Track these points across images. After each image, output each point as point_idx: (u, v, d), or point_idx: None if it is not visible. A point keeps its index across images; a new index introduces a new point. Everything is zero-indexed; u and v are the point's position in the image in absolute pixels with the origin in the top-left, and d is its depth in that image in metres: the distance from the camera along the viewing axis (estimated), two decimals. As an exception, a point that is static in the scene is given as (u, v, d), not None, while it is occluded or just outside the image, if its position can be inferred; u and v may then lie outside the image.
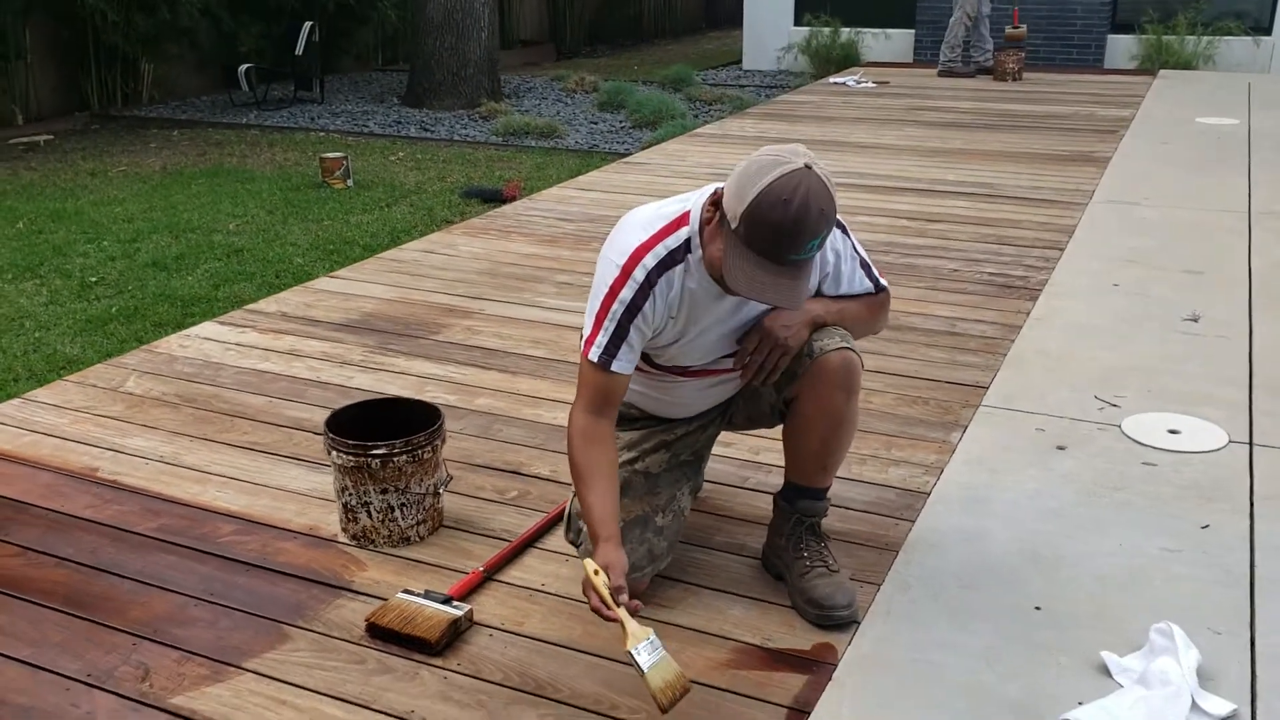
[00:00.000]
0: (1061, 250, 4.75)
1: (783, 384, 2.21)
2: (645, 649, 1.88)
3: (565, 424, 3.06)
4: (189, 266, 5.17)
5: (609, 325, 2.06)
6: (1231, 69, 10.71)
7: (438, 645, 2.13)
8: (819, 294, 2.21)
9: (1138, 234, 4.95)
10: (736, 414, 2.39)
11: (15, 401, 3.29)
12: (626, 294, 2.04)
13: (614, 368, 2.07)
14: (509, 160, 7.86)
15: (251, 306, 4.17)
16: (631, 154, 7.28)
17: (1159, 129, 7.57)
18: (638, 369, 2.19)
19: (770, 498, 2.43)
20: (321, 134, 8.88)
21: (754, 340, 2.15)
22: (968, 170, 6.38)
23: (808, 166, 1.87)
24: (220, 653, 2.15)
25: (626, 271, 2.04)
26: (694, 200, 2.09)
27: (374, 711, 1.98)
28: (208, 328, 3.92)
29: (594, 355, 2.08)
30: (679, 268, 2.06)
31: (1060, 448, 2.95)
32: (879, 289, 2.28)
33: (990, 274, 4.46)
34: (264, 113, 9.70)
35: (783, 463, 2.35)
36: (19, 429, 3.09)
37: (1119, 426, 3.06)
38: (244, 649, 2.16)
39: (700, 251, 2.04)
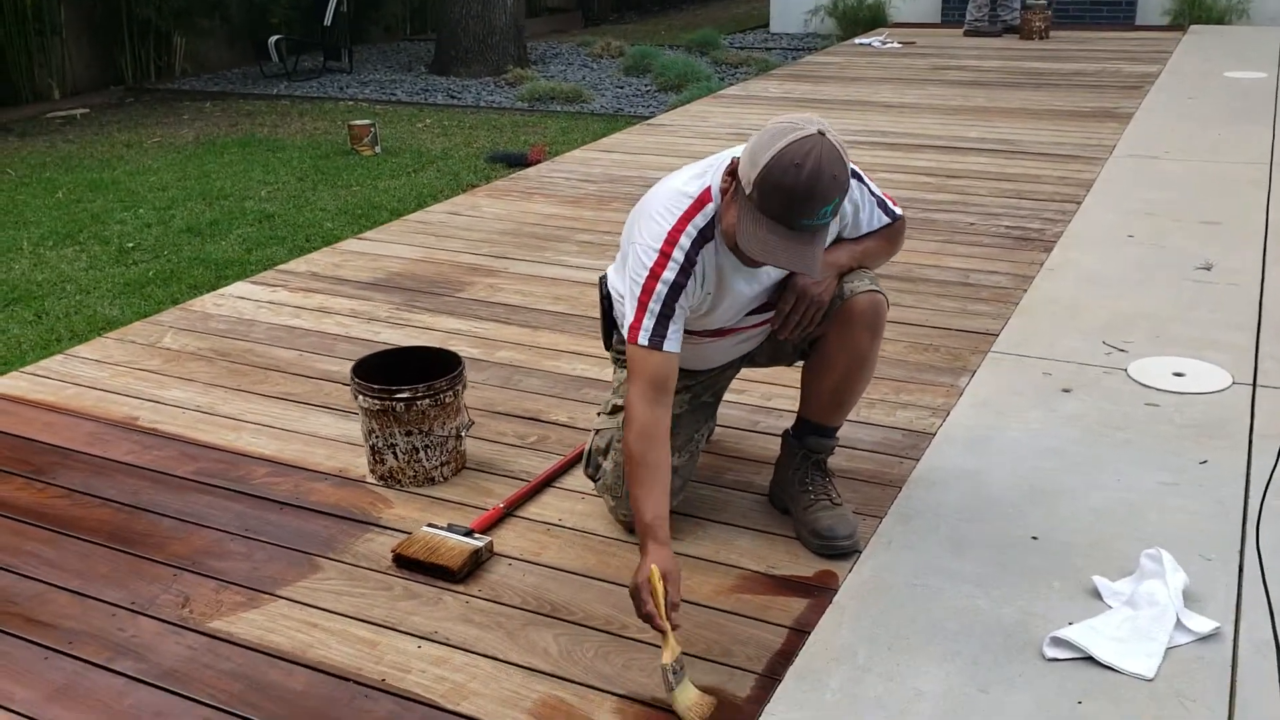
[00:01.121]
0: (1079, 204, 4.78)
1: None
2: (677, 666, 1.86)
3: (584, 375, 3.20)
4: (222, 232, 5.31)
5: (654, 306, 2.07)
6: (1266, 23, 10.57)
7: (460, 573, 2.25)
8: (839, 239, 2.28)
9: (1157, 187, 4.97)
10: (759, 354, 2.47)
11: (58, 357, 3.44)
12: (669, 274, 2.06)
13: (666, 348, 2.07)
14: (534, 125, 7.95)
15: (282, 267, 4.30)
16: (655, 117, 7.34)
17: (1186, 84, 7.52)
18: None
19: (778, 440, 2.52)
20: (350, 103, 9.00)
21: (789, 300, 2.21)
22: (989, 128, 6.39)
23: (821, 133, 1.90)
24: (255, 582, 2.28)
25: (665, 253, 2.07)
26: (712, 174, 2.12)
27: (400, 632, 2.11)
28: (241, 287, 4.06)
29: (643, 339, 2.07)
30: (710, 245, 2.11)
31: (1066, 390, 3.02)
32: (896, 216, 2.35)
33: (1007, 227, 4.51)
34: (294, 83, 9.83)
35: (792, 408, 2.45)
36: (62, 382, 3.24)
37: (1125, 370, 3.12)
38: (278, 578, 2.29)
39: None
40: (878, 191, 2.32)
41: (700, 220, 2.10)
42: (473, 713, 1.90)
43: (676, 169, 2.26)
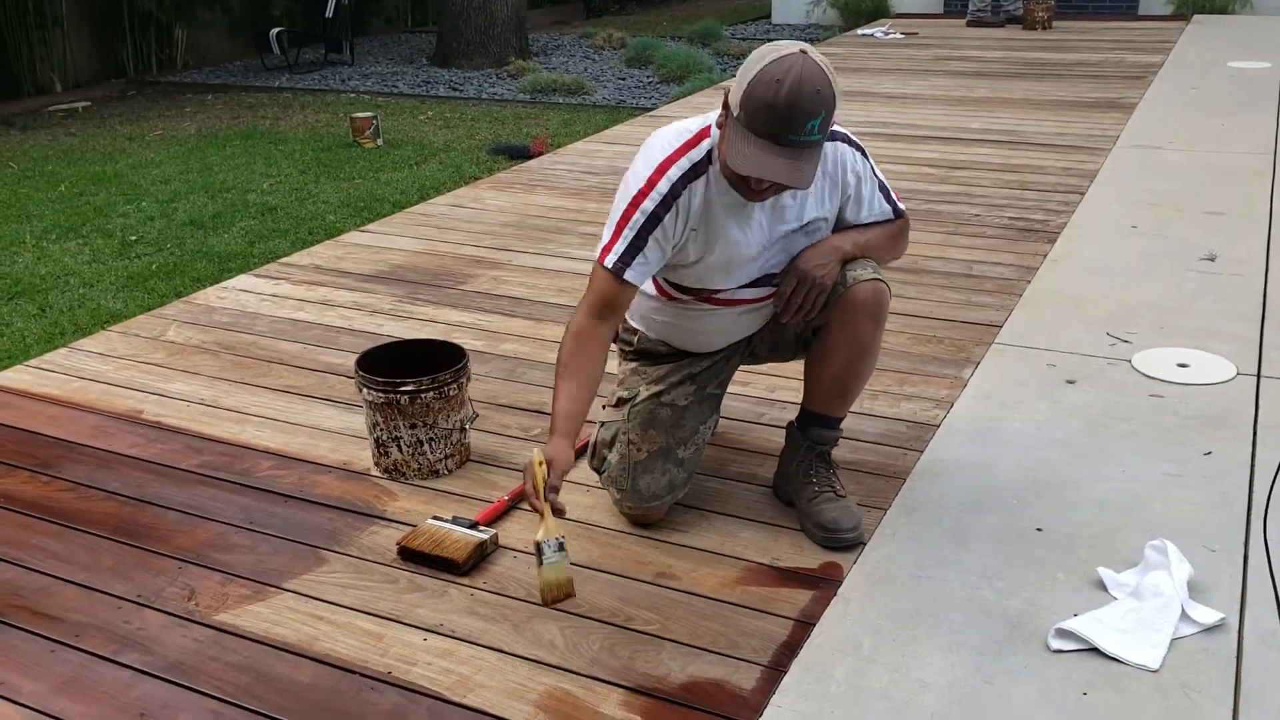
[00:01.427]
0: (1083, 194, 4.77)
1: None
2: (552, 546, 2.03)
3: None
4: (225, 225, 5.31)
5: (628, 234, 2.11)
6: (1270, 13, 10.54)
7: (465, 566, 2.25)
8: (841, 224, 2.29)
9: (1161, 177, 4.96)
10: (759, 345, 2.46)
11: (63, 351, 3.45)
12: (649, 205, 2.10)
13: (626, 276, 2.12)
14: (536, 117, 7.93)
15: (285, 260, 4.30)
16: (657, 108, 7.33)
17: (1189, 74, 7.50)
18: (668, 297, 2.28)
19: (782, 432, 2.52)
20: (352, 95, 8.99)
21: (790, 282, 2.21)
22: (993, 118, 6.38)
23: (802, 51, 1.94)
24: (261, 575, 2.28)
25: (651, 183, 2.11)
26: (712, 117, 2.16)
27: (405, 625, 2.11)
28: (244, 280, 4.06)
29: (609, 262, 2.12)
30: (701, 180, 2.12)
31: (1070, 382, 3.02)
32: (898, 214, 2.35)
33: (1011, 218, 4.50)
34: (295, 76, 9.82)
35: (797, 400, 2.45)
36: (67, 375, 3.24)
37: (1129, 361, 3.12)
38: (283, 571, 2.29)
39: (719, 163, 2.11)
40: (880, 175, 2.32)
41: (695, 155, 2.13)
42: (479, 705, 1.90)
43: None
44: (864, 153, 2.28)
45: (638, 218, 2.11)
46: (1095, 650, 1.96)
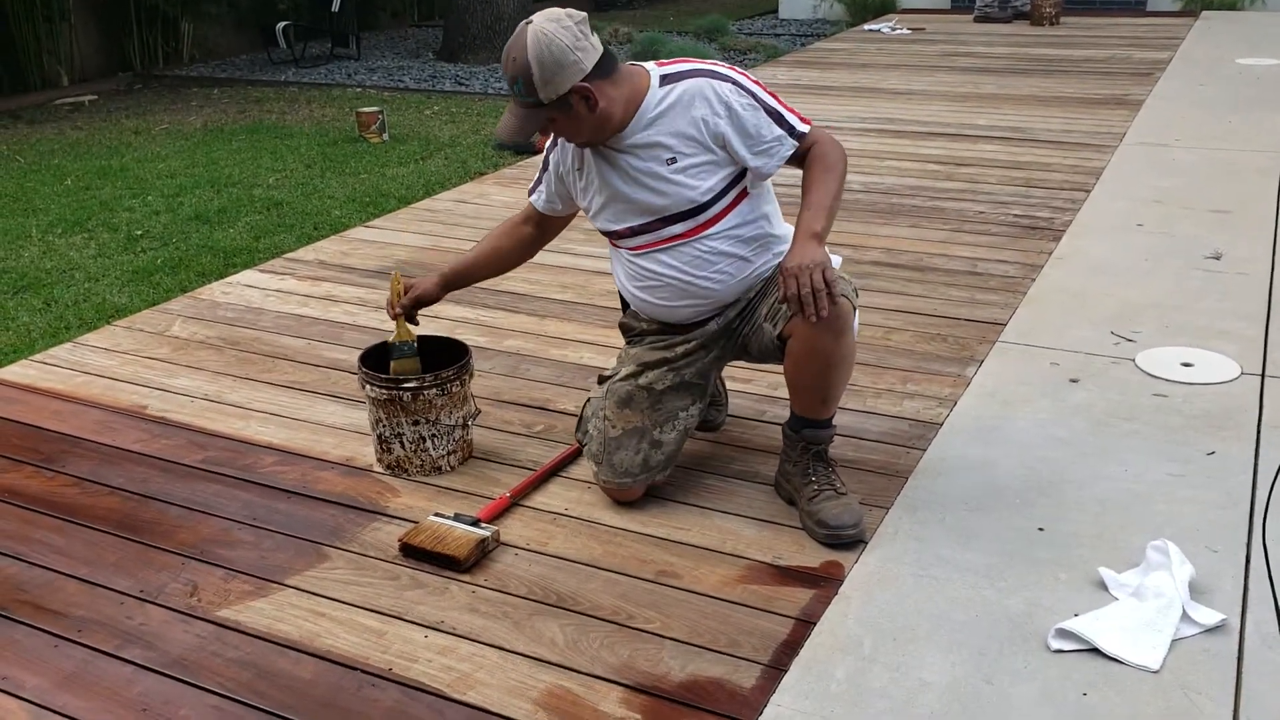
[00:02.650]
0: (1088, 192, 4.76)
1: (778, 320, 2.30)
2: (401, 349, 2.65)
3: (591, 363, 3.20)
4: (230, 219, 5.32)
5: (540, 167, 2.53)
6: (1279, 9, 10.49)
7: (466, 563, 2.25)
8: (741, 161, 2.27)
9: (1167, 175, 4.95)
10: (750, 343, 2.46)
11: (67, 345, 3.45)
12: (548, 145, 2.50)
13: (531, 199, 2.57)
14: (542, 113, 7.92)
15: (290, 255, 4.30)
16: (663, 104, 7.32)
17: (1197, 71, 7.48)
18: (610, 244, 2.50)
19: (785, 429, 2.52)
20: (358, 90, 8.99)
21: (790, 284, 2.13)
22: (999, 115, 6.37)
23: (528, 22, 2.20)
24: (263, 571, 2.29)
25: None
26: None
27: (406, 622, 2.12)
28: (249, 275, 4.06)
29: (529, 190, 2.59)
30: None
31: (1073, 381, 3.01)
32: (796, 134, 2.29)
33: (1016, 215, 4.49)
34: (301, 70, 9.83)
35: (797, 399, 2.45)
36: (71, 370, 3.25)
37: (1133, 360, 3.11)
38: (285, 567, 2.30)
39: None
40: (770, 100, 2.28)
41: None
42: (479, 702, 1.91)
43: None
44: (741, 85, 2.27)
45: (544, 155, 2.51)
46: (1096, 650, 1.96)
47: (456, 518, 2.38)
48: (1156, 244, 4.06)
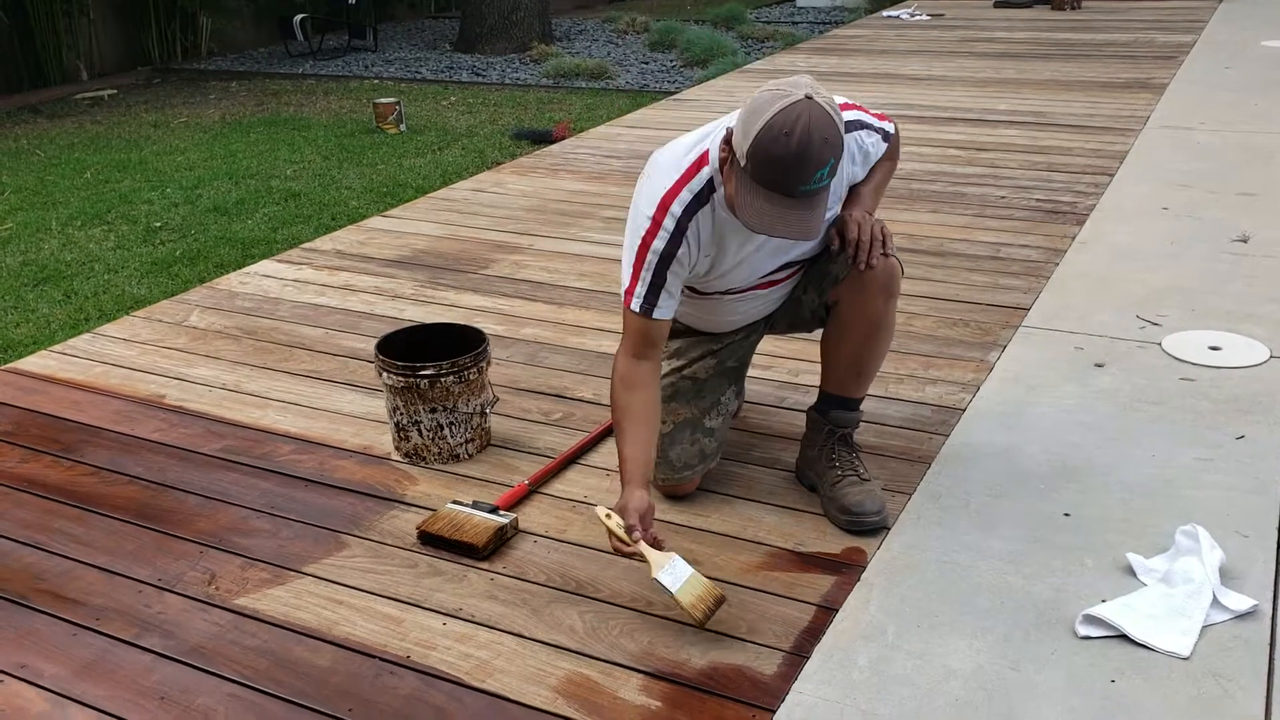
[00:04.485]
0: (1112, 176, 4.70)
1: (825, 286, 2.27)
2: (668, 572, 1.96)
3: (609, 351, 3.18)
4: (248, 211, 5.32)
5: (645, 275, 2.11)
6: (1303, -9, 10.35)
7: (485, 550, 2.24)
8: (854, 187, 2.26)
9: (1192, 158, 4.88)
10: (778, 320, 2.45)
11: (86, 336, 3.46)
12: (659, 244, 2.08)
13: (655, 315, 2.13)
14: (559, 102, 7.90)
15: (308, 245, 4.29)
16: (681, 92, 7.28)
17: (1221, 53, 7.38)
18: (686, 294, 2.27)
19: (805, 417, 2.49)
20: (375, 81, 8.99)
21: (852, 230, 2.17)
22: (1020, 100, 6.30)
23: (808, 97, 1.87)
24: (281, 559, 2.28)
25: (657, 221, 2.08)
26: (711, 137, 2.11)
27: (425, 609, 2.10)
28: (266, 265, 4.06)
29: (635, 306, 2.13)
30: (705, 208, 2.09)
31: (1098, 365, 2.97)
32: (886, 137, 2.30)
33: (1038, 200, 4.44)
34: (319, 62, 9.83)
35: (818, 383, 2.42)
36: (90, 361, 3.25)
37: (1159, 344, 3.07)
38: (303, 555, 2.29)
39: (722, 189, 2.07)
40: (870, 120, 2.27)
41: (696, 184, 2.08)
42: (498, 690, 1.89)
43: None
44: (872, 126, 2.24)
45: (650, 258, 2.10)
46: (1124, 637, 1.93)
47: (475, 505, 2.36)
48: (1182, 228, 4.00)
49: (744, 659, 1.94)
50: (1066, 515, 2.31)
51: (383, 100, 7.03)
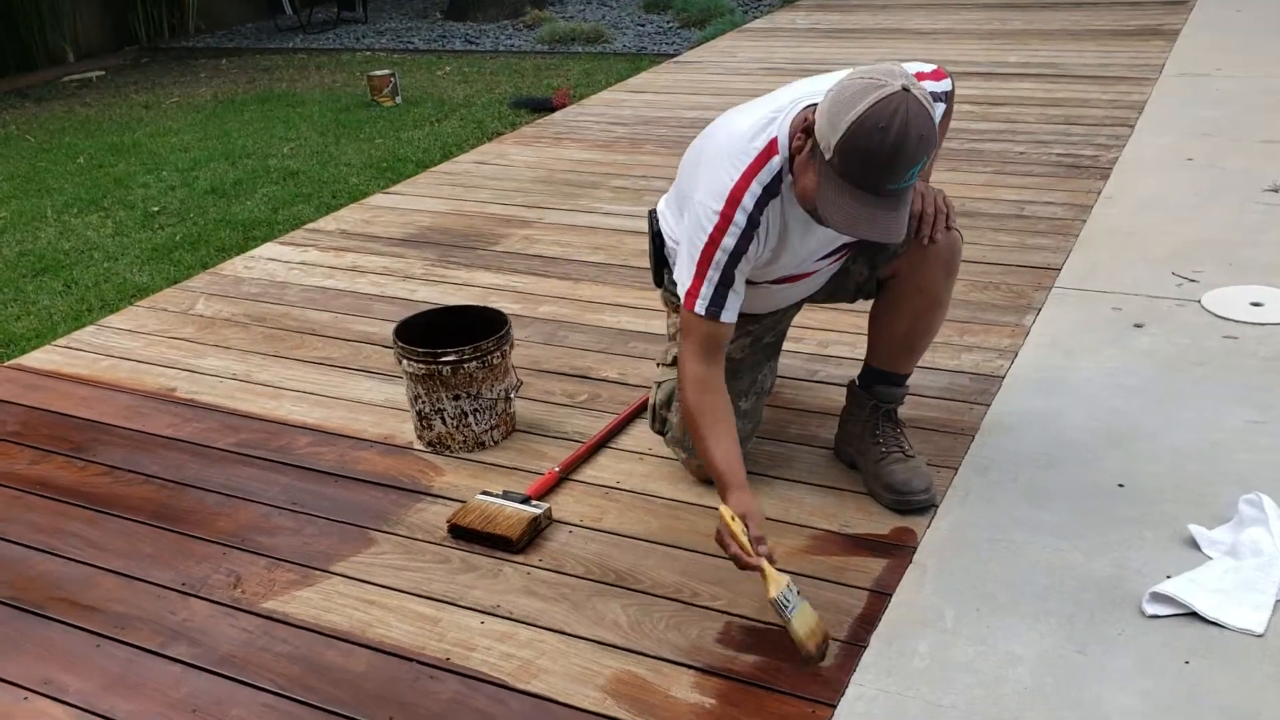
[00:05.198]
0: (1132, 127, 4.59)
1: (880, 260, 2.17)
2: (786, 595, 1.80)
3: (630, 328, 3.08)
4: (247, 191, 5.20)
5: (713, 275, 1.96)
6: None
7: (519, 543, 2.15)
8: None
9: (1211, 106, 4.76)
10: (819, 290, 2.33)
11: (90, 328, 3.36)
12: (730, 240, 1.94)
13: (723, 318, 1.99)
14: (556, 68, 7.75)
15: (311, 226, 4.19)
16: (681, 54, 7.13)
17: (1231, -4, 7.22)
18: None
19: (840, 389, 2.40)
20: (367, 53, 8.82)
21: (916, 200, 2.05)
22: (1030, 51, 6.16)
23: (905, 89, 1.72)
24: (307, 558, 2.19)
25: (727, 217, 1.93)
26: (779, 124, 1.96)
27: (461, 608, 2.02)
28: (270, 249, 3.95)
29: (700, 309, 1.97)
30: (776, 200, 1.96)
31: (1138, 325, 2.88)
32: (947, 97, 2.17)
33: (1059, 155, 4.33)
34: (309, 36, 9.65)
35: (852, 355, 2.33)
36: (96, 354, 3.16)
37: (1198, 301, 2.97)
38: (330, 554, 2.20)
39: (791, 178, 1.93)
40: (935, 88, 2.13)
41: (765, 176, 1.93)
42: (544, 691, 1.81)
43: (727, 107, 2.12)
44: (940, 93, 2.12)
45: (719, 256, 1.94)
46: (1194, 614, 1.85)
47: (505, 495, 2.27)
48: (1208, 178, 3.89)
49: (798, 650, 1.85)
50: (1120, 486, 2.22)
51: (377, 73, 6.88)
